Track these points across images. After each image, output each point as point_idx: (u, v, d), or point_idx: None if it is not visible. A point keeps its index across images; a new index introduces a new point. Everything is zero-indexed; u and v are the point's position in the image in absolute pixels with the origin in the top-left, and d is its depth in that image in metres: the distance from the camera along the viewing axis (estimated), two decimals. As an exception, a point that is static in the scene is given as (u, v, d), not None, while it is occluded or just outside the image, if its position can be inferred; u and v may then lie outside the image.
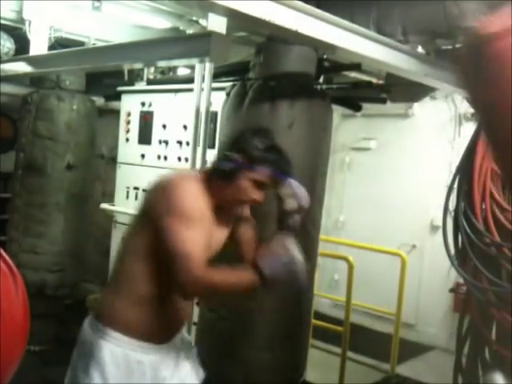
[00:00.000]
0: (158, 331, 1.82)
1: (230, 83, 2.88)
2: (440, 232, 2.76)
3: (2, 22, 3.58)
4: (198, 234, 1.67)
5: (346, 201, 5.60)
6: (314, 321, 3.47)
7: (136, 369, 1.78)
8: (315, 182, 2.69)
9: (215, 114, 3.29)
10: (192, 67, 3.62)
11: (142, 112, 4.03)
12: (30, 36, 3.46)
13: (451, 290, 4.97)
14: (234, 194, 1.80)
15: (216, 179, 1.80)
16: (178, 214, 1.67)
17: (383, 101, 3.79)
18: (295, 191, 1.84)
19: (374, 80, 4.05)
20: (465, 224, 2.60)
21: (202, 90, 2.95)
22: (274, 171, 1.79)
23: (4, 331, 0.93)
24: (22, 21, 3.50)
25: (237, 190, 1.79)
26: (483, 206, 2.59)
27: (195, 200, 1.72)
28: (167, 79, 4.45)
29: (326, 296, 5.02)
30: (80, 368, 1.80)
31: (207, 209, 1.76)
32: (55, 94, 4.32)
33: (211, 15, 2.11)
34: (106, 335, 1.77)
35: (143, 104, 4.04)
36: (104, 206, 4.27)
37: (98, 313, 1.84)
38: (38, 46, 3.44)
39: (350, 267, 3.65)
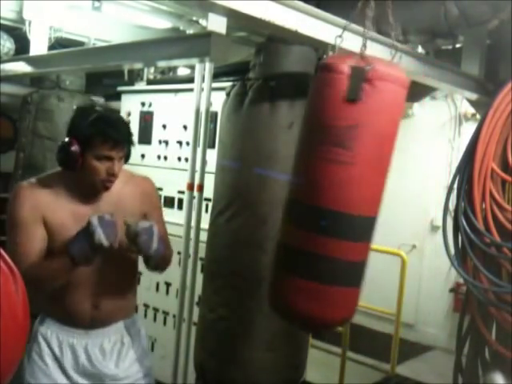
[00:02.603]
0: (71, 315, 1.91)
1: (230, 83, 2.88)
2: (440, 232, 2.76)
3: (2, 21, 3.58)
4: (24, 236, 1.80)
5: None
6: (314, 321, 3.46)
7: (68, 351, 1.92)
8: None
9: (215, 114, 3.29)
10: (192, 67, 3.62)
11: (141, 112, 4.03)
12: (30, 36, 3.46)
13: (451, 290, 4.97)
14: (87, 176, 1.83)
15: (67, 171, 1.87)
16: (8, 223, 1.84)
17: (383, 101, 3.78)
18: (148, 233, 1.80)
19: (374, 80, 4.04)
20: (465, 224, 2.59)
21: (202, 90, 2.95)
22: (107, 141, 1.79)
23: (4, 331, 0.93)
24: (22, 21, 3.51)
25: (88, 172, 1.82)
26: (483, 206, 2.59)
27: (20, 206, 1.82)
28: (167, 79, 4.45)
29: (325, 296, 5.01)
30: (25, 355, 1.94)
31: (38, 208, 1.81)
32: (55, 94, 4.32)
33: (211, 15, 2.11)
34: (43, 321, 1.95)
35: (143, 104, 4.04)
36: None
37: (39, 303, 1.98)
38: (38, 46, 3.45)
39: (350, 267, 3.64)
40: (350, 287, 1.90)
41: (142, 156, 3.96)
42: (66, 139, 1.83)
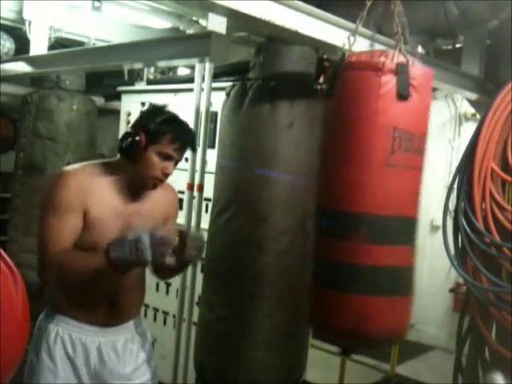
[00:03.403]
0: (91, 314, 1.90)
1: (230, 83, 2.88)
2: (440, 232, 2.76)
3: (2, 22, 3.58)
4: (60, 222, 1.76)
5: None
6: (313, 321, 3.46)
7: (81, 350, 1.90)
8: (315, 182, 2.69)
9: (215, 114, 3.29)
10: (192, 67, 3.62)
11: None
12: (30, 36, 3.46)
13: (451, 290, 4.97)
14: (143, 170, 1.85)
15: (125, 160, 1.88)
16: (45, 205, 1.82)
17: (383, 101, 3.78)
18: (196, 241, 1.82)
19: (374, 80, 4.03)
20: (465, 224, 2.59)
21: (202, 90, 2.95)
22: (175, 141, 1.84)
23: (4, 331, 0.94)
24: (22, 21, 3.51)
25: (145, 166, 1.84)
26: (483, 206, 2.59)
27: (64, 191, 1.79)
28: (167, 79, 4.45)
29: (326, 296, 5.00)
30: (33, 352, 1.92)
31: (82, 197, 1.80)
32: (55, 93, 4.31)
33: (211, 15, 2.12)
34: (52, 318, 1.92)
35: (143, 104, 4.03)
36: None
37: (49, 302, 1.97)
38: (38, 46, 3.45)
39: (350, 267, 3.63)
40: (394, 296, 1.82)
41: (142, 156, 3.96)
42: (132, 130, 1.86)
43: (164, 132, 1.84)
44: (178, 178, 3.42)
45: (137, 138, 1.82)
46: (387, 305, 1.83)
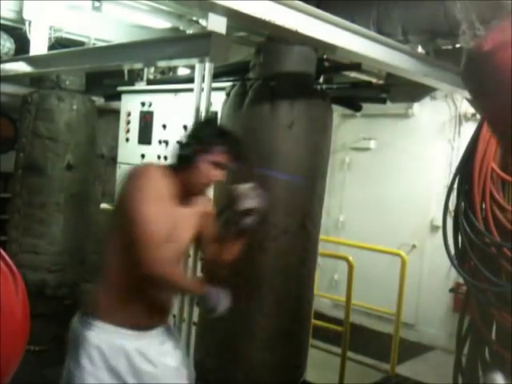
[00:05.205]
0: (138, 318, 1.98)
1: (230, 83, 2.88)
2: (440, 232, 2.76)
3: (2, 22, 3.58)
4: (157, 210, 1.86)
5: (346, 201, 5.60)
6: (314, 321, 3.47)
7: (121, 354, 1.94)
8: (315, 182, 2.70)
9: (215, 114, 3.29)
10: (192, 67, 3.62)
11: (141, 112, 4.03)
12: (30, 36, 3.47)
13: (451, 290, 4.97)
14: (196, 176, 1.98)
15: (180, 166, 2.00)
16: (139, 194, 1.86)
17: (383, 101, 3.79)
18: (250, 191, 1.99)
19: (374, 80, 4.05)
20: (465, 224, 2.60)
21: (202, 90, 2.95)
22: (227, 152, 1.98)
23: (4, 331, 0.94)
24: (22, 21, 3.51)
25: (199, 173, 1.97)
26: (483, 206, 2.59)
27: (156, 182, 1.90)
28: (167, 79, 4.45)
29: (325, 296, 5.02)
30: (72, 360, 1.95)
31: (168, 192, 1.93)
32: (55, 93, 4.32)
33: (211, 15, 2.12)
34: (92, 326, 1.96)
35: (143, 104, 4.04)
36: (104, 206, 4.28)
37: (86, 307, 2.03)
38: (38, 46, 3.45)
39: (350, 267, 3.65)
40: None
41: (142, 156, 3.96)
42: (186, 139, 2.01)
43: (220, 144, 1.97)
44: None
45: (191, 149, 1.96)
46: None
